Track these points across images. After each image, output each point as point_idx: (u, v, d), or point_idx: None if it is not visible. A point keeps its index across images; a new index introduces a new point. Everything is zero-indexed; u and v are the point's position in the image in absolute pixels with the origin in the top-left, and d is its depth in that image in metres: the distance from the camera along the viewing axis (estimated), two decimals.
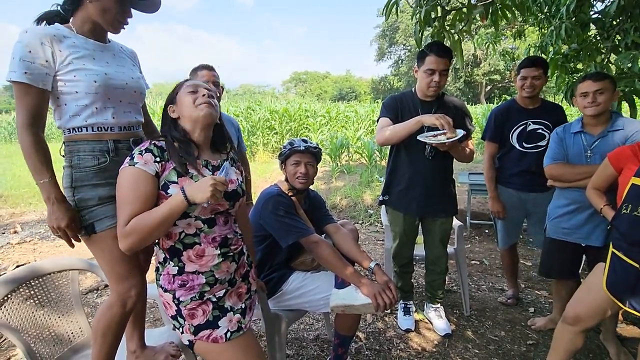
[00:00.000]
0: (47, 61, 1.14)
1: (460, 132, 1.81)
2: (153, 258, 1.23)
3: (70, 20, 1.23)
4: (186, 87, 1.19)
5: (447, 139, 1.78)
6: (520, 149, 2.27)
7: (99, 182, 1.21)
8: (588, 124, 1.86)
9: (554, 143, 1.95)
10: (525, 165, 2.24)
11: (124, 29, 1.28)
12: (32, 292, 1.38)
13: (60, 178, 1.21)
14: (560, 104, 2.49)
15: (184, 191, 1.04)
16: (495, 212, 2.42)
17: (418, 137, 1.87)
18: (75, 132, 1.21)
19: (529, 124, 2.25)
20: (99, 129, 1.23)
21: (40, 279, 1.41)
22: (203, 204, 1.05)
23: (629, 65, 2.12)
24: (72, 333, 1.48)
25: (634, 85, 2.10)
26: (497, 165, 2.41)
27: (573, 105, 1.93)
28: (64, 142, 1.25)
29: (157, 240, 1.17)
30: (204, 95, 1.17)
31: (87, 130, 1.21)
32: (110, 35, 1.35)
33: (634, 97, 2.15)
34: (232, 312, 1.21)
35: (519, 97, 2.32)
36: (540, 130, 2.21)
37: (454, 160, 2.10)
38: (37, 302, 1.39)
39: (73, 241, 1.23)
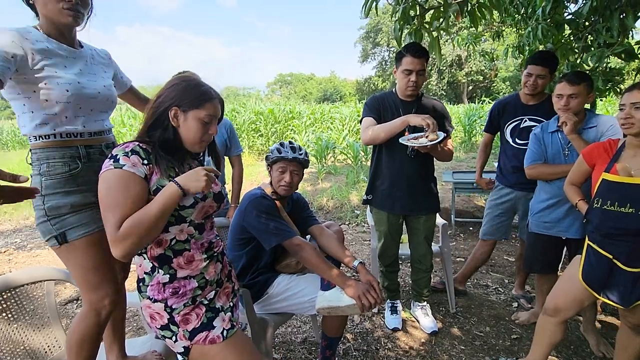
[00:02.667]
0: (12, 57, 1.06)
1: (441, 135, 1.85)
2: (134, 267, 1.19)
3: (38, 22, 1.19)
4: (204, 113, 1.09)
5: (430, 141, 1.80)
6: (514, 144, 2.29)
7: (71, 189, 1.17)
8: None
9: (532, 144, 2.00)
10: (518, 162, 2.21)
11: (80, 16, 1.18)
12: (4, 306, 1.32)
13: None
14: None
15: (176, 182, 1.01)
16: (482, 185, 2.58)
17: (400, 140, 1.90)
18: (43, 139, 1.16)
19: (525, 120, 2.25)
20: (68, 136, 1.19)
21: (14, 291, 1.35)
22: (197, 193, 1.04)
23: (596, 62, 2.19)
24: (48, 347, 1.42)
25: (597, 82, 2.16)
26: (498, 161, 2.44)
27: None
28: (30, 150, 1.19)
29: (143, 250, 1.12)
30: (210, 133, 1.13)
31: (55, 138, 1.17)
32: (83, 38, 1.30)
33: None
34: (223, 312, 1.21)
35: (521, 92, 2.31)
36: (534, 128, 2.16)
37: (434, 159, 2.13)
38: (10, 315, 1.33)
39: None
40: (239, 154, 2.52)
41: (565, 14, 2.82)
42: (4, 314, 1.31)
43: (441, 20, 2.24)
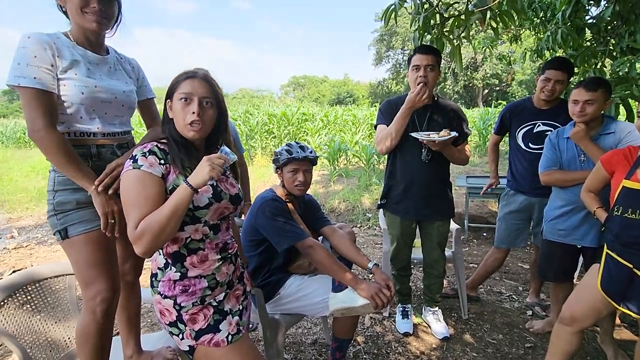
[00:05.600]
0: (52, 65, 1.15)
1: (453, 133, 1.86)
2: (150, 263, 1.22)
3: (69, 29, 1.25)
4: (180, 92, 1.11)
5: (440, 137, 1.83)
6: (526, 149, 2.25)
7: (79, 187, 1.21)
8: None
9: (547, 149, 1.97)
10: (532, 167, 2.16)
11: (104, 23, 1.23)
12: (28, 298, 1.37)
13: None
14: None
15: (186, 182, 1.02)
16: (489, 185, 2.71)
17: (411, 134, 1.91)
18: None
19: (538, 125, 2.21)
20: (82, 135, 1.24)
21: (37, 284, 1.41)
22: (208, 182, 1.03)
23: (626, 70, 2.14)
24: (68, 339, 1.47)
25: (632, 90, 2.11)
26: (509, 166, 2.41)
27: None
28: None
29: None
30: (193, 112, 1.09)
31: (69, 136, 1.22)
32: (111, 43, 1.36)
33: (630, 101, 2.16)
34: (231, 315, 1.22)
35: (535, 97, 2.26)
36: (548, 133, 2.11)
37: (451, 163, 2.12)
38: (33, 307, 1.38)
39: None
40: (241, 154, 2.64)
41: (587, 18, 2.77)
42: (27, 306, 1.37)
43: (462, 28, 2.23)
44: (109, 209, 1.20)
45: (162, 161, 1.08)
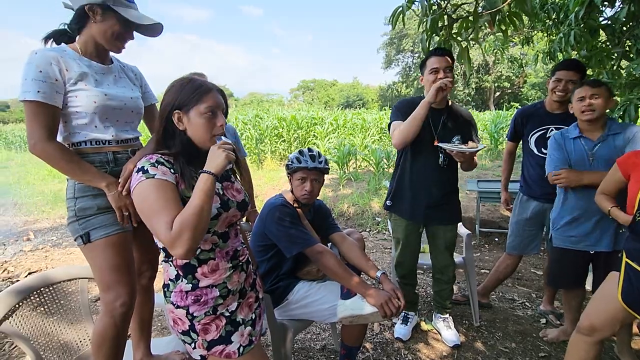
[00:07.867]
0: (57, 80, 1.19)
1: (482, 146, 1.88)
2: (160, 267, 1.22)
3: (76, 39, 1.29)
4: (204, 106, 1.08)
5: (469, 148, 1.83)
6: (539, 154, 2.22)
7: (99, 192, 1.25)
8: (585, 129, 1.86)
9: (553, 150, 1.93)
10: (544, 172, 2.08)
11: (124, 48, 1.33)
12: (42, 300, 1.40)
13: (65, 190, 1.25)
14: None
15: (204, 171, 1.01)
16: (503, 202, 2.65)
17: (439, 144, 1.89)
18: (76, 146, 1.27)
19: (551, 130, 2.18)
20: (98, 143, 1.28)
21: (51, 287, 1.44)
22: (227, 166, 1.03)
23: None
24: (80, 342, 1.50)
25: None
26: (522, 171, 2.38)
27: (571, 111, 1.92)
28: None
29: (169, 257, 1.13)
30: (220, 125, 1.09)
31: (86, 145, 1.27)
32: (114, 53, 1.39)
33: None
34: (243, 326, 1.20)
35: (548, 100, 2.24)
36: (553, 134, 2.07)
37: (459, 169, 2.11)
38: (47, 310, 1.41)
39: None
40: (243, 157, 2.66)
41: (601, 19, 2.71)
42: (41, 308, 1.40)
43: (470, 30, 2.21)
44: (122, 203, 1.24)
45: (172, 170, 1.07)
